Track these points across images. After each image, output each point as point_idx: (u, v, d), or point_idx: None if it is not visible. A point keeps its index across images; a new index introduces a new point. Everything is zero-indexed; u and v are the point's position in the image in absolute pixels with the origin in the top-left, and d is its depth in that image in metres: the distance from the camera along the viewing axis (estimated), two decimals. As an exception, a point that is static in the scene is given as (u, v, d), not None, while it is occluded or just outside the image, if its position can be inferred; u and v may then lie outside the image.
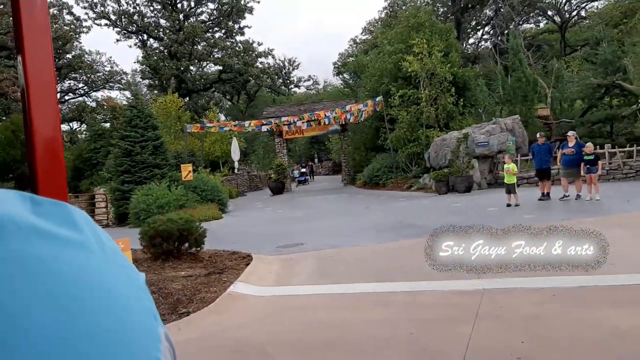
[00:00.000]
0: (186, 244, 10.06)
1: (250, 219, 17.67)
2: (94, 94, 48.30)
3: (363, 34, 63.47)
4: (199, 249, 10.17)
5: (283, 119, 24.65)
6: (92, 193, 28.73)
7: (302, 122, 24.68)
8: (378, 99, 23.14)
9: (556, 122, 27.18)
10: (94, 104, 47.94)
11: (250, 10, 42.51)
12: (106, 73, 45.98)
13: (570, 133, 14.59)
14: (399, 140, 23.06)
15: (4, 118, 46.79)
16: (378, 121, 26.21)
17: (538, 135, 15.30)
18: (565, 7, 51.77)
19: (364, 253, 9.45)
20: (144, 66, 43.11)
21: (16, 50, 0.89)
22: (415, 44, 22.70)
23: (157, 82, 42.01)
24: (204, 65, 45.52)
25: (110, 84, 47.27)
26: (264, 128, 26.48)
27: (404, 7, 47.49)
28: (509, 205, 13.64)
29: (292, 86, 58.70)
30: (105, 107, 45.96)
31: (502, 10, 44.82)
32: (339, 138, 30.72)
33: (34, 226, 0.31)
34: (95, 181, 30.50)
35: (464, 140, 18.98)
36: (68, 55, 37.93)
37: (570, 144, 14.10)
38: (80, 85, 44.71)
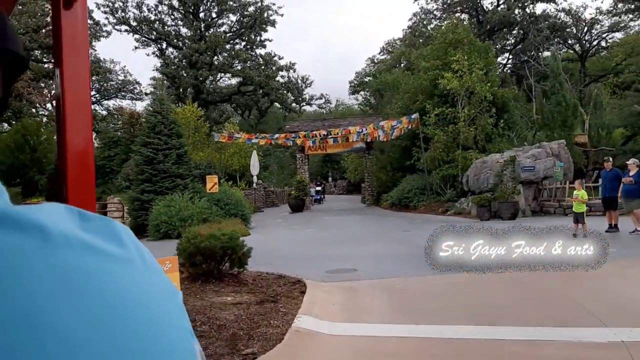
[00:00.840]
0: (227, 264, 8.78)
1: (280, 237, 16.34)
2: (105, 102, 47.94)
3: (381, 53, 62.98)
4: (241, 270, 8.89)
5: (311, 133, 23.47)
6: (104, 202, 27.54)
7: (331, 137, 23.50)
8: (414, 116, 21.97)
9: (594, 150, 25.91)
10: (104, 112, 47.40)
11: (273, 23, 41.77)
12: (119, 82, 45.60)
13: (631, 161, 13.31)
14: (434, 161, 21.81)
15: (13, 122, 45.99)
16: (408, 140, 25.01)
17: (605, 159, 14.02)
18: (586, 36, 50.99)
19: (436, 285, 8.11)
20: (162, 75, 42.26)
21: (54, 63, 0.90)
22: (455, 60, 21.58)
23: (174, 91, 41.07)
24: (222, 77, 44.68)
25: (123, 93, 46.82)
26: (290, 142, 25.28)
27: (429, 27, 46.73)
28: (575, 235, 12.28)
29: (304, 104, 57.69)
30: (118, 115, 45.18)
31: (529, 35, 43.91)
32: (363, 156, 29.51)
33: (83, 241, 0.32)
34: (108, 190, 29.32)
35: (510, 163, 17.70)
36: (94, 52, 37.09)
37: (631, 173, 12.84)
38: (92, 92, 43.93)
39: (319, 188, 33.60)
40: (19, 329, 0.26)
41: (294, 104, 55.60)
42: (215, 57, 40.49)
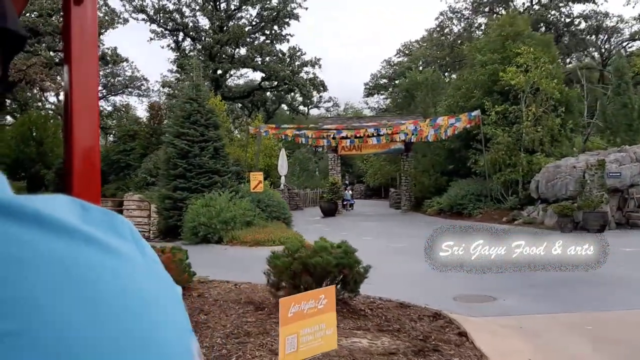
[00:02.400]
0: (338, 286, 6.56)
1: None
2: (112, 98, 46.52)
3: (397, 55, 60.86)
4: (352, 294, 6.69)
5: (356, 131, 21.18)
6: (119, 199, 25.26)
7: (374, 136, 21.30)
8: (474, 113, 19.76)
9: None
10: (110, 108, 45.91)
11: (297, 17, 39.52)
12: (126, 78, 44.19)
13: None
14: (494, 165, 19.62)
15: (17, 115, 43.78)
16: (458, 141, 22.86)
17: None
18: (605, 44, 49.04)
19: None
20: (179, 68, 40.05)
21: (64, 59, 0.90)
22: (519, 53, 19.43)
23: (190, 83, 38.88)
24: (238, 72, 42.45)
25: (130, 90, 45.41)
26: (325, 140, 23.06)
27: (454, 28, 44.72)
28: None
29: (312, 106, 55.35)
30: (122, 111, 43.27)
31: (563, 37, 41.87)
32: (401, 158, 27.27)
33: (82, 233, 0.32)
34: (125, 186, 27.05)
35: (600, 168, 15.50)
36: (102, 47, 34.95)
37: None
38: (99, 88, 41.67)
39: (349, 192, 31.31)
40: (12, 318, 0.26)
41: (301, 107, 53.40)
42: (237, 50, 38.27)
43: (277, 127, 19.76)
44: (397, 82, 50.38)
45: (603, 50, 49.38)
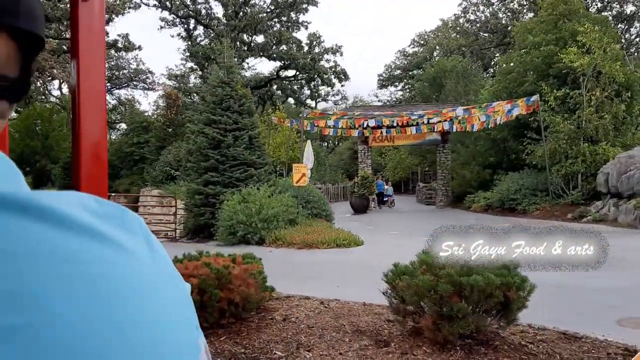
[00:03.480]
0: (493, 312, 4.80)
1: (402, 250, 12.28)
2: (116, 91, 45.82)
3: (411, 46, 58.97)
4: (508, 324, 4.90)
5: (398, 118, 19.27)
6: (134, 194, 23.50)
7: (413, 126, 19.45)
8: (533, 98, 17.81)
9: None
10: (114, 102, 45.02)
11: (315, 3, 37.48)
12: (131, 71, 43.66)
13: None
14: (553, 156, 17.76)
15: (20, 109, 41.99)
16: (504, 130, 21.04)
17: None
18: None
19: None
20: (191, 57, 38.17)
21: (71, 54, 0.91)
22: (582, 32, 17.53)
23: (202, 73, 36.98)
24: (255, 60, 40.49)
25: (135, 83, 44.81)
26: (356, 130, 21.19)
27: (478, 13, 42.74)
28: None
29: (320, 100, 53.33)
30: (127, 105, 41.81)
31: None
32: (437, 150, 25.40)
33: (93, 229, 0.32)
34: (140, 181, 25.27)
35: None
36: (111, 34, 33.20)
37: None
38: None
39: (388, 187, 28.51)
40: (21, 312, 0.27)
41: (308, 100, 51.43)
42: (254, 37, 36.33)
43: (322, 114, 17.83)
44: (413, 72, 48.38)
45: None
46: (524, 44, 20.49)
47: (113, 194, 24.09)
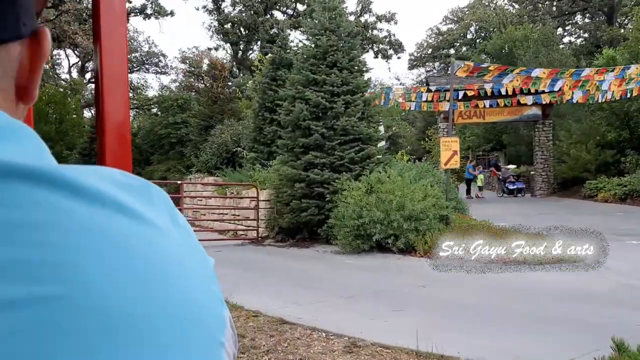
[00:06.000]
0: None
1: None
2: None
3: (443, 23, 54.47)
4: None
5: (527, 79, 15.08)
6: (174, 181, 19.62)
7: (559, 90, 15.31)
8: None
9: None
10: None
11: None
12: (143, 53, 42.64)
13: None
14: None
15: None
16: (634, 102, 17.01)
17: None
18: None
19: None
20: (220, 34, 34.06)
21: (93, 38, 0.91)
22: None
23: (235, 47, 32.87)
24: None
25: (147, 66, 43.88)
26: (446, 105, 17.11)
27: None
28: None
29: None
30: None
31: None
32: (534, 127, 21.17)
33: (118, 202, 0.33)
34: (182, 166, 21.36)
35: None
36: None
37: None
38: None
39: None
40: (53, 281, 0.27)
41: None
42: (295, 5, 32.04)
43: (477, 67, 13.78)
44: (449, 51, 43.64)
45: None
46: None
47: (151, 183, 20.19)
